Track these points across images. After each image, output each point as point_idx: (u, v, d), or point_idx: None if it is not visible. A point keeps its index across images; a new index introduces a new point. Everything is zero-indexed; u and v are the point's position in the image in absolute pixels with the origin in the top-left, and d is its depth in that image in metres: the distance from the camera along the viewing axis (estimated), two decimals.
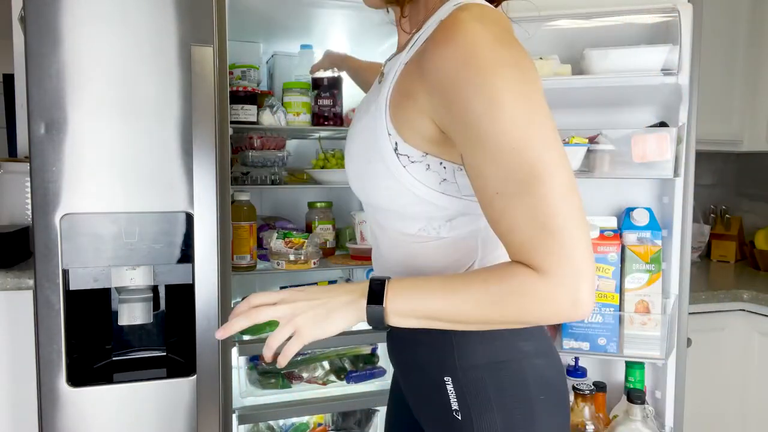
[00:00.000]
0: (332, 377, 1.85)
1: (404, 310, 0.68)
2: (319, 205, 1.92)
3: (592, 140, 1.48)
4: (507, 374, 0.77)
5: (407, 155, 0.72)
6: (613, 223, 1.51)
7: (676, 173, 1.44)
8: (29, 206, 1.54)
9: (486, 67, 0.63)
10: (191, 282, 1.32)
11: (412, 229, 0.78)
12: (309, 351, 1.81)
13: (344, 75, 1.89)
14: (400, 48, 0.82)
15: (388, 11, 0.87)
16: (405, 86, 0.72)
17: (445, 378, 0.78)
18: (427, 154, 0.72)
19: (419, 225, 0.77)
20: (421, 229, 0.77)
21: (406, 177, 0.73)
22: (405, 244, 0.80)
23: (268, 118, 1.71)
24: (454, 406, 0.77)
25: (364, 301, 0.69)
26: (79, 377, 1.31)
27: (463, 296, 0.66)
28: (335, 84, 1.79)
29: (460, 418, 0.76)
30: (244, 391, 1.74)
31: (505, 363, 0.77)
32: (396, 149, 0.72)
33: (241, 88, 1.67)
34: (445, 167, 0.72)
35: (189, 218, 1.32)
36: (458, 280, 0.68)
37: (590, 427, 1.46)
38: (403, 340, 0.86)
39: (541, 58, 1.47)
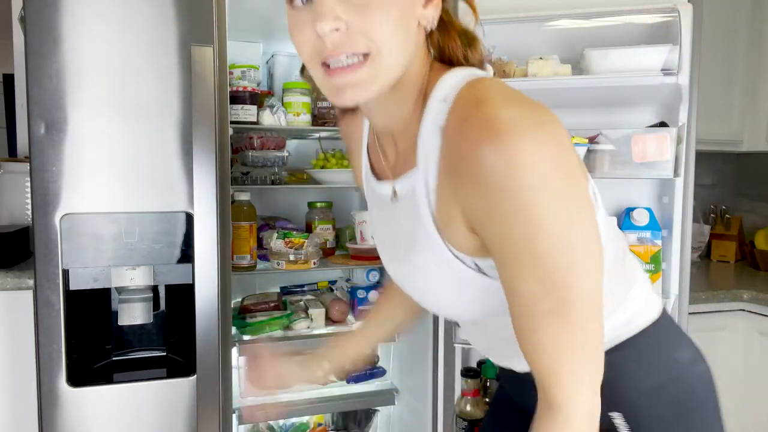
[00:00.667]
0: (332, 377, 1.85)
1: None
2: (319, 205, 1.92)
3: (592, 140, 1.48)
4: (677, 391, 0.75)
5: (492, 266, 0.66)
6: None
7: (676, 173, 1.43)
8: (29, 206, 1.54)
9: (530, 179, 0.57)
10: (191, 282, 1.31)
11: None
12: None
13: None
14: (403, 159, 0.73)
15: None
16: (445, 211, 0.65)
17: (610, 413, 0.75)
18: None
19: None
20: None
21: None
22: None
23: (268, 118, 1.71)
24: None
25: None
26: (79, 377, 1.31)
27: None
28: None
29: None
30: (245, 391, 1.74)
31: (672, 380, 0.75)
32: (480, 270, 0.68)
33: (241, 88, 1.67)
34: None
35: (189, 218, 1.32)
36: None
37: None
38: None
39: (541, 58, 1.47)
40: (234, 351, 1.56)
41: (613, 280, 0.75)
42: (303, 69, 0.74)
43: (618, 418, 0.75)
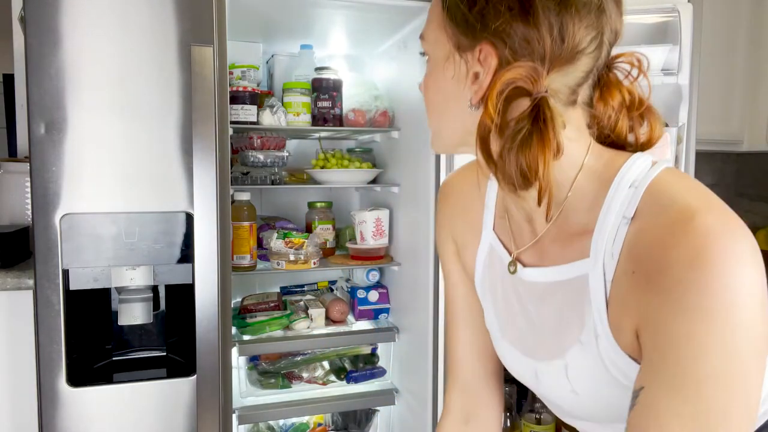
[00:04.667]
0: (332, 377, 1.86)
1: None
2: (319, 205, 1.92)
3: None
4: None
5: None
6: None
7: None
8: (29, 206, 1.54)
9: (738, 317, 0.52)
10: (191, 282, 1.32)
11: None
12: (309, 351, 1.81)
13: (344, 77, 1.89)
14: (557, 242, 0.67)
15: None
16: (618, 308, 0.61)
17: None
18: None
19: None
20: None
21: None
22: None
23: (268, 118, 1.71)
24: None
25: None
26: (79, 377, 1.31)
27: None
28: (335, 86, 1.79)
29: None
30: (244, 391, 1.74)
31: None
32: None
33: (241, 88, 1.67)
34: None
35: (189, 218, 1.32)
36: None
37: None
38: None
39: None
40: (234, 351, 1.56)
41: None
42: None
43: None
